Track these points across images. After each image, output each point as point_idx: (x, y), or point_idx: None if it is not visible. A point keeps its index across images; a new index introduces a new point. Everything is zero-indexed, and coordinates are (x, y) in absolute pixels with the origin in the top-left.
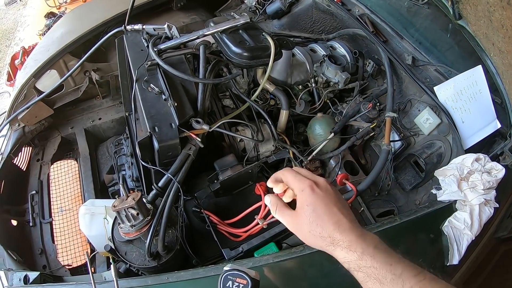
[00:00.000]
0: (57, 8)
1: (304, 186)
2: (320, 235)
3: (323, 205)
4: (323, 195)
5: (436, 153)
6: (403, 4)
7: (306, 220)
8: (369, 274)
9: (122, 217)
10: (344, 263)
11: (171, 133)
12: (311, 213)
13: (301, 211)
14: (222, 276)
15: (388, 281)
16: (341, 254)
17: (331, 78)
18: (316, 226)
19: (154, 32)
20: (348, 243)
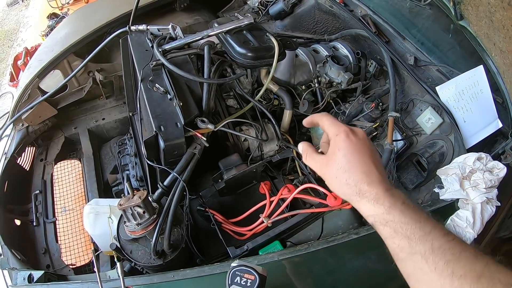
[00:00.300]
0: (59, 9)
1: (340, 131)
2: (346, 182)
3: (355, 152)
4: (357, 143)
5: (438, 153)
6: (405, 5)
7: (335, 165)
8: (397, 230)
9: (128, 216)
10: (368, 216)
11: (176, 132)
12: (341, 158)
13: (331, 155)
14: (230, 272)
15: (416, 238)
16: (367, 206)
17: (334, 79)
18: (343, 173)
19: (158, 32)
20: (375, 195)
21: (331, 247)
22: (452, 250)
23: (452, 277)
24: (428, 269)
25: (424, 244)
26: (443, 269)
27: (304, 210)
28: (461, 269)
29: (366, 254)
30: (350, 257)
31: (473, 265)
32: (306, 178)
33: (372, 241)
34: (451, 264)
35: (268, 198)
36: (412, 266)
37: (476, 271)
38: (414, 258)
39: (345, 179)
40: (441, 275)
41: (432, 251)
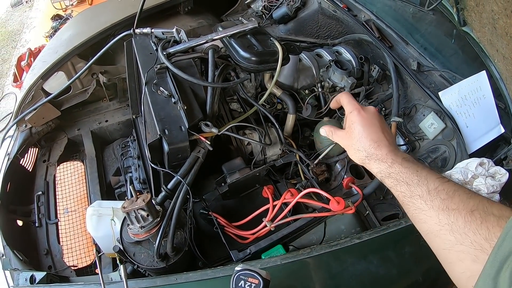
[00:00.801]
0: (63, 11)
1: (353, 109)
2: (358, 149)
3: (366, 125)
4: (367, 117)
5: (441, 158)
6: (409, 10)
7: (351, 136)
8: (398, 179)
9: (132, 218)
10: (377, 173)
11: (181, 136)
12: (355, 130)
13: (348, 129)
14: (234, 276)
15: (414, 183)
16: (374, 165)
17: (337, 83)
18: (357, 141)
19: (162, 36)
20: (381, 156)
21: (334, 251)
22: (446, 190)
23: (448, 212)
24: (427, 208)
25: (421, 187)
26: (439, 206)
27: (307, 215)
28: (454, 204)
29: (369, 258)
30: (352, 261)
31: (467, 201)
32: (309, 182)
33: (375, 245)
34: (446, 202)
35: (271, 202)
36: (414, 208)
37: (469, 206)
38: (414, 200)
39: (358, 146)
40: (438, 211)
41: (428, 192)
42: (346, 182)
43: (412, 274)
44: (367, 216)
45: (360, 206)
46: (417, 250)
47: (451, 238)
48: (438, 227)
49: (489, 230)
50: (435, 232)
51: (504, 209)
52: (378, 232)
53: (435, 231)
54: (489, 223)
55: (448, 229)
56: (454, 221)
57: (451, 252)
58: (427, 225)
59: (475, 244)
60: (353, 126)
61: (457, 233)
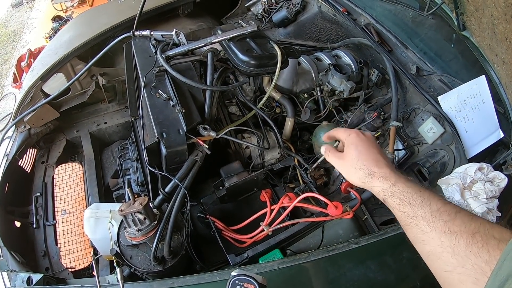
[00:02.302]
0: (63, 12)
1: (351, 132)
2: (359, 168)
3: (365, 146)
4: (366, 140)
5: (440, 162)
6: (408, 15)
7: (350, 156)
8: (401, 198)
9: (129, 221)
10: (379, 192)
11: (179, 139)
12: (354, 150)
13: (346, 149)
14: (230, 281)
15: (417, 203)
16: (377, 183)
17: (336, 87)
18: (357, 160)
19: (162, 38)
20: (384, 174)
21: (331, 256)
22: (448, 212)
23: (450, 235)
24: (429, 229)
25: (424, 208)
26: (441, 228)
27: (305, 219)
28: (456, 227)
29: (366, 263)
30: (350, 266)
31: (468, 223)
32: (307, 186)
33: (373, 250)
34: (448, 224)
35: (269, 206)
36: (416, 229)
37: (471, 228)
38: (417, 221)
39: (359, 165)
40: (440, 233)
41: (431, 214)
42: (344, 187)
43: (410, 280)
44: (365, 221)
45: (359, 210)
46: (415, 255)
47: (453, 260)
48: (440, 249)
49: (490, 253)
50: (437, 254)
51: (505, 232)
52: (376, 237)
53: (437, 253)
54: (490, 246)
55: (450, 251)
56: (456, 243)
57: (453, 274)
58: (429, 246)
59: (476, 267)
60: (352, 146)
61: (458, 255)
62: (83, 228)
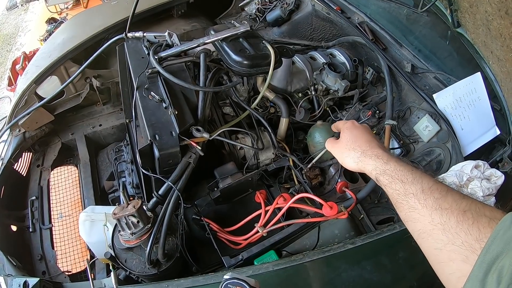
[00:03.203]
0: (58, 14)
1: (347, 122)
2: (352, 148)
3: (359, 130)
4: (360, 127)
5: (436, 160)
6: (402, 12)
7: (345, 140)
8: (393, 176)
9: (123, 225)
10: (371, 171)
11: (171, 141)
12: (349, 134)
13: (342, 134)
14: (222, 285)
15: (409, 181)
16: (370, 162)
17: (330, 86)
18: (351, 142)
19: (155, 39)
20: (376, 153)
21: (327, 257)
22: (439, 190)
23: (441, 211)
24: (420, 206)
25: (415, 186)
26: (432, 205)
27: (300, 220)
28: (447, 204)
29: (362, 264)
30: (345, 267)
31: (459, 202)
32: (302, 186)
33: (368, 250)
34: (439, 201)
35: (263, 207)
36: (407, 207)
37: (462, 206)
38: (408, 198)
39: (352, 146)
40: (431, 210)
41: (422, 191)
42: (340, 187)
43: (407, 280)
44: (361, 220)
45: (355, 210)
46: (411, 255)
47: (443, 237)
48: (431, 226)
49: (480, 231)
50: (428, 232)
51: (496, 211)
52: (371, 237)
53: (428, 231)
54: (480, 224)
55: (440, 228)
56: (446, 220)
57: (443, 252)
58: (419, 224)
59: (466, 244)
60: (347, 131)
61: (449, 232)
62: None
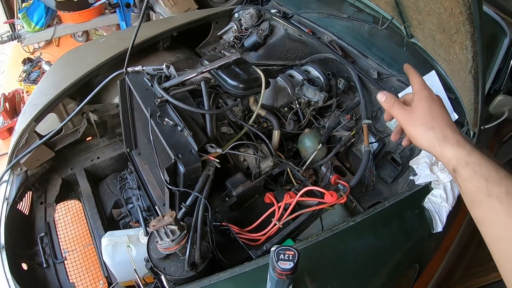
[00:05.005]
0: (31, 54)
1: (425, 87)
2: (431, 127)
3: (438, 106)
4: (440, 102)
5: (408, 148)
6: (364, 29)
7: (421, 113)
8: (476, 171)
9: (161, 235)
10: (450, 159)
11: (193, 158)
12: (428, 107)
13: (418, 105)
14: (275, 252)
15: (494, 180)
16: (450, 150)
17: (311, 98)
18: (430, 119)
19: (153, 72)
20: (458, 140)
21: (336, 233)
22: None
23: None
24: (502, 212)
25: (499, 187)
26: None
27: (309, 209)
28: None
29: (365, 235)
30: (352, 239)
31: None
32: (300, 186)
33: (368, 224)
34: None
35: (276, 204)
36: (487, 208)
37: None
38: (490, 200)
39: (431, 125)
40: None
41: (506, 194)
42: (334, 179)
43: (403, 242)
44: (354, 208)
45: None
46: (401, 223)
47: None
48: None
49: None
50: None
51: None
52: (367, 214)
53: (507, 238)
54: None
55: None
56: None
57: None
58: (497, 229)
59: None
60: (425, 102)
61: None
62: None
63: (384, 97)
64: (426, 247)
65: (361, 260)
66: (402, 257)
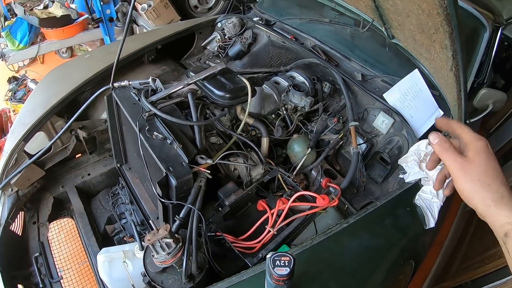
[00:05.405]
0: (16, 72)
1: (482, 138)
2: (488, 185)
3: (495, 161)
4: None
5: (396, 147)
6: (346, 32)
7: (479, 167)
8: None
9: (157, 248)
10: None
11: (184, 170)
12: (486, 162)
13: (475, 157)
14: (270, 259)
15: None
16: (505, 212)
17: (298, 104)
18: (487, 176)
19: (140, 86)
20: None
21: (331, 236)
22: None
23: None
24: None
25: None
26: None
27: (302, 214)
28: None
29: (359, 235)
30: (347, 240)
31: None
32: (292, 191)
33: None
34: None
35: (269, 211)
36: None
37: None
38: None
39: (488, 183)
40: None
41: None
42: (325, 182)
43: (397, 240)
44: (347, 209)
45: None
46: (395, 221)
47: None
48: None
49: None
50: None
51: None
52: (360, 215)
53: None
54: None
55: None
56: None
57: None
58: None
59: None
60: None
61: None
62: (89, 278)
63: (437, 139)
64: (420, 243)
65: (358, 260)
66: (398, 254)
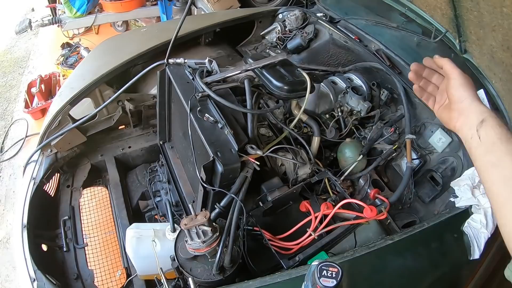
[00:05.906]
0: (70, 39)
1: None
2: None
3: None
4: None
5: (450, 167)
6: (413, 40)
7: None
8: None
9: (192, 234)
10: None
11: (233, 158)
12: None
13: None
14: (317, 268)
15: None
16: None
17: (354, 107)
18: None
19: (195, 66)
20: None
21: (374, 251)
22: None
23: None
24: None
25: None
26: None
27: (346, 222)
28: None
29: (403, 255)
30: (390, 258)
31: None
32: (337, 196)
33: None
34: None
35: (313, 214)
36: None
37: None
38: None
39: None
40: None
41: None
42: (373, 193)
43: (440, 265)
44: (389, 225)
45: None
46: (441, 245)
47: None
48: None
49: None
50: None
51: None
52: (406, 234)
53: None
54: None
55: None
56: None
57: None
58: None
59: None
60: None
61: None
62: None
63: None
64: (462, 273)
65: (398, 280)
66: (438, 281)
